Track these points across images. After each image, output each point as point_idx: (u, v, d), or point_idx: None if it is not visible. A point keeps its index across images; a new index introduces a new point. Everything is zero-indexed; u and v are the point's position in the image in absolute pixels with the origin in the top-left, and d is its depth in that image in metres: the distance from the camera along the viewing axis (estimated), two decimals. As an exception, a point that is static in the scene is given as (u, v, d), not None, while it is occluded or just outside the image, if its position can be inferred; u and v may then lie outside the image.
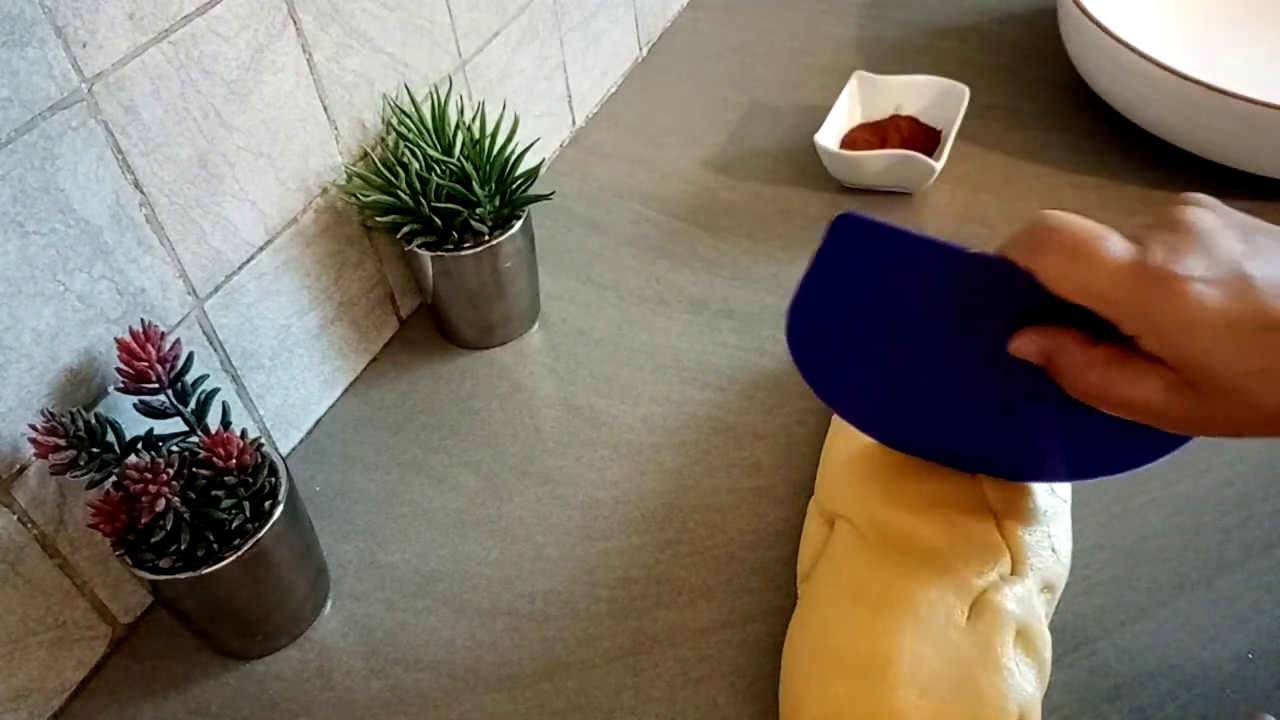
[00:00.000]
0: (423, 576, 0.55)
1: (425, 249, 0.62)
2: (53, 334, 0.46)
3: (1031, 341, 0.38)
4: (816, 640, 0.45)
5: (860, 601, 0.44)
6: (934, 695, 0.41)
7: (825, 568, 0.47)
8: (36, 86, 0.42)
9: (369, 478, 0.61)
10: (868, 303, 0.43)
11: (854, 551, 0.46)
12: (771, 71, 0.92)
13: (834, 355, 0.46)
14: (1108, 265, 0.34)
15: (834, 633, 0.44)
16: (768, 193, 0.78)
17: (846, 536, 0.47)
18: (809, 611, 0.46)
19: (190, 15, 0.48)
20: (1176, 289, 0.33)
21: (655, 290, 0.71)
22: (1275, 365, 0.33)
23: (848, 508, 0.48)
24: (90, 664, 0.52)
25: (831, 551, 0.48)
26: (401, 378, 0.67)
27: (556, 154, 0.85)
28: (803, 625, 0.46)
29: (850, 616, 0.44)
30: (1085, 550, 0.51)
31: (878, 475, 0.49)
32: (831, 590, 0.46)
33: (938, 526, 0.46)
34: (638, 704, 0.48)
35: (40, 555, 0.47)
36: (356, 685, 0.50)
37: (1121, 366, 0.36)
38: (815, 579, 0.48)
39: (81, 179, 0.45)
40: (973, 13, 0.97)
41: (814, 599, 0.47)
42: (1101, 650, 0.48)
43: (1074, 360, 0.37)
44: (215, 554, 0.46)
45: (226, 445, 0.46)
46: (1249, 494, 0.54)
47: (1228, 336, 0.33)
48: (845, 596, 0.45)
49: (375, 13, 0.61)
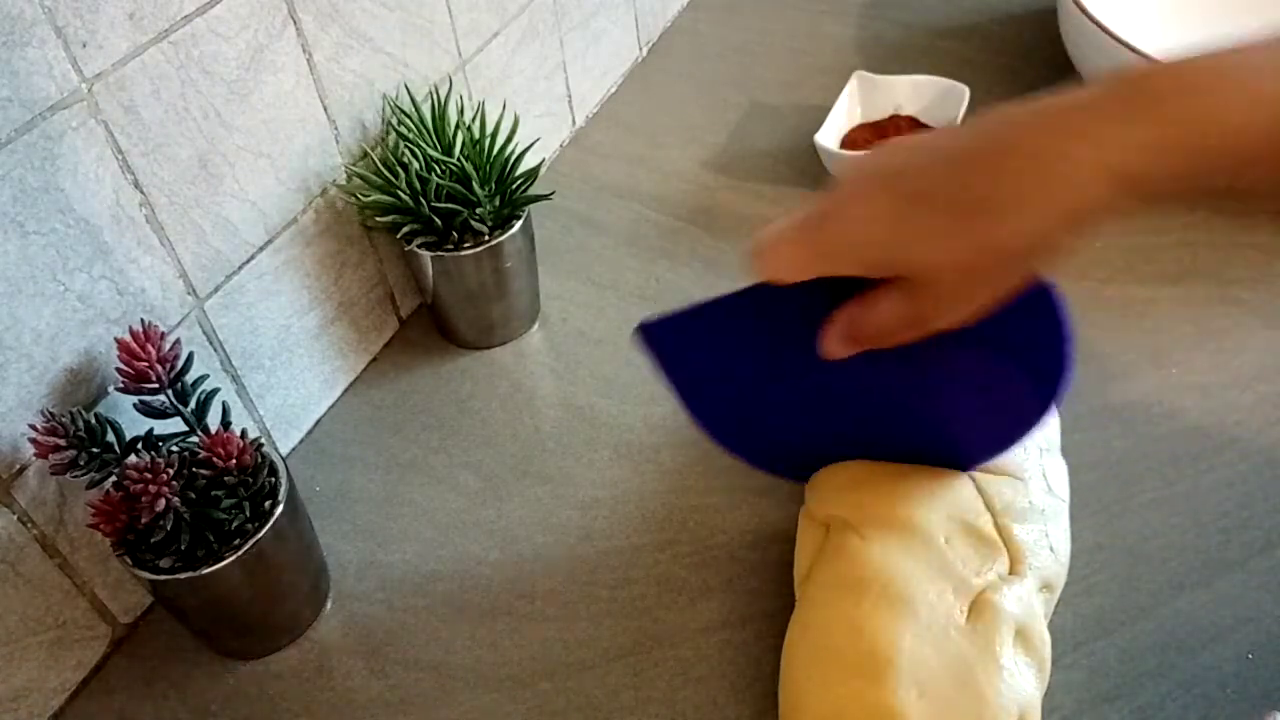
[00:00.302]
0: (423, 576, 0.55)
1: (425, 249, 0.62)
2: (53, 334, 0.46)
3: (832, 337, 0.42)
4: (816, 640, 0.45)
5: (859, 602, 0.44)
6: (933, 695, 0.41)
7: (824, 569, 0.47)
8: (36, 86, 0.42)
9: (369, 478, 0.61)
10: (706, 365, 0.48)
11: (852, 553, 0.46)
12: (771, 71, 0.92)
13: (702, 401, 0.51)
14: (793, 239, 0.39)
15: (833, 633, 0.44)
16: (768, 193, 0.78)
17: (844, 538, 0.47)
18: (808, 612, 0.46)
19: (190, 15, 0.48)
20: (836, 218, 0.38)
21: (655, 290, 0.71)
22: (932, 225, 0.36)
23: (845, 510, 0.48)
24: (90, 664, 0.52)
25: (829, 553, 0.48)
26: (401, 378, 0.67)
27: (556, 154, 0.85)
28: (802, 625, 0.46)
29: (849, 617, 0.44)
30: (1085, 550, 0.51)
31: (873, 478, 0.49)
32: (830, 591, 0.46)
33: (936, 527, 0.46)
34: (638, 704, 0.48)
35: (40, 555, 0.47)
36: (356, 685, 0.50)
37: (871, 302, 0.40)
38: (814, 580, 0.48)
39: (81, 179, 0.45)
40: (973, 13, 0.97)
41: (813, 599, 0.47)
42: (1101, 650, 0.48)
43: (860, 321, 0.40)
44: (215, 554, 0.46)
45: (226, 445, 0.46)
46: (1249, 494, 0.54)
47: (886, 222, 0.37)
48: (844, 597, 0.45)
49: (375, 13, 0.61)
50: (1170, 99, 0.32)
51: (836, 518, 0.48)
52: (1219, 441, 0.56)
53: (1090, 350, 0.62)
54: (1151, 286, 0.66)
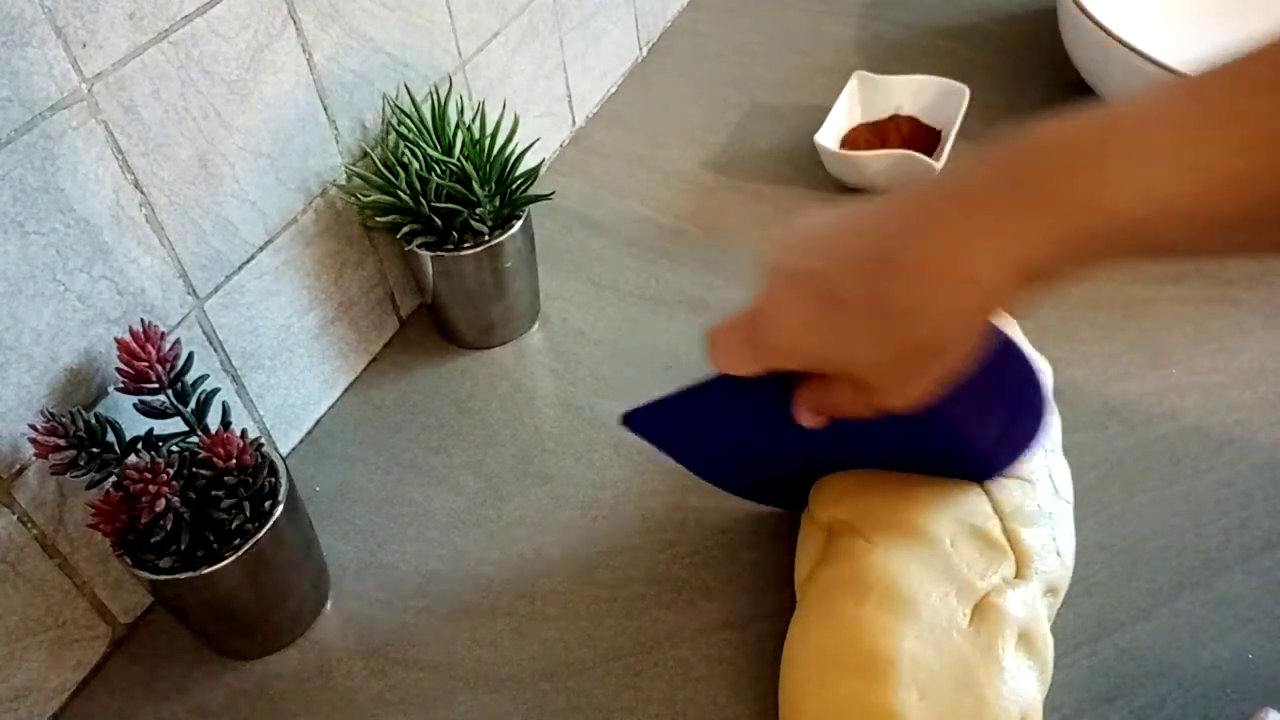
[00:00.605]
0: (423, 576, 0.55)
1: (425, 249, 0.62)
2: (53, 334, 0.46)
3: (801, 412, 0.43)
4: (817, 641, 0.45)
5: (862, 603, 0.44)
6: (934, 697, 0.41)
7: (827, 570, 0.47)
8: (36, 86, 0.42)
9: (369, 478, 0.61)
10: (695, 438, 0.51)
11: (857, 555, 0.46)
12: (771, 71, 0.92)
13: (702, 461, 0.54)
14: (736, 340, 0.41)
15: (835, 634, 0.44)
16: (768, 193, 0.78)
17: (849, 541, 0.47)
18: (810, 612, 0.46)
19: (190, 15, 0.48)
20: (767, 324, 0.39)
21: (655, 290, 0.71)
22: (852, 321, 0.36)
23: (849, 514, 0.48)
24: (90, 664, 0.52)
25: (833, 555, 0.48)
26: (401, 378, 0.67)
27: (556, 154, 0.85)
28: (803, 626, 0.46)
29: (851, 618, 0.44)
30: (1086, 550, 0.51)
31: (878, 482, 0.49)
32: (833, 592, 0.46)
33: (942, 530, 0.46)
34: (638, 704, 0.48)
35: (40, 555, 0.47)
36: (356, 685, 0.50)
37: (826, 384, 0.41)
38: (817, 580, 0.47)
39: (81, 179, 0.45)
40: (973, 13, 0.97)
41: (815, 600, 0.47)
42: (1101, 650, 0.48)
43: (821, 400, 0.42)
44: (215, 554, 0.46)
45: (226, 445, 0.46)
46: (1249, 494, 0.54)
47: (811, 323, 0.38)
48: (847, 598, 0.45)
49: (375, 13, 0.61)
50: (1060, 182, 0.32)
51: (840, 521, 0.48)
52: (1219, 441, 0.56)
53: (1090, 350, 0.62)
54: (1151, 286, 0.66)
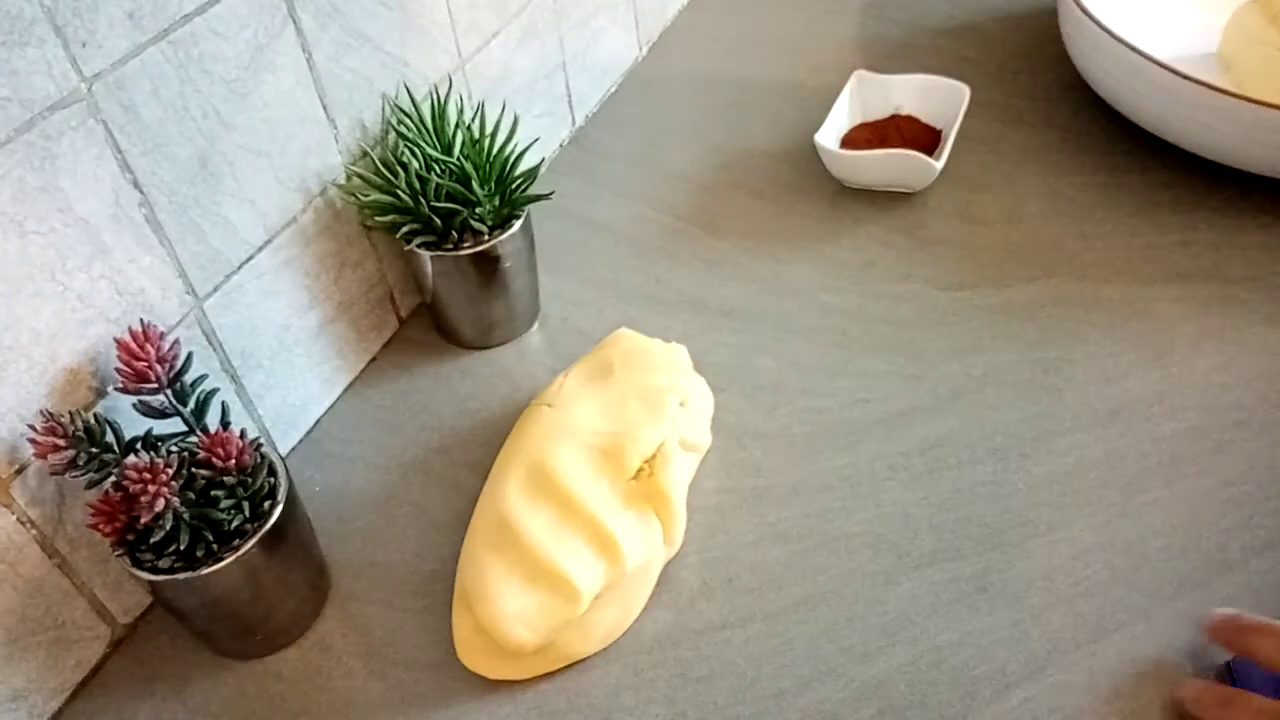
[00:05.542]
0: (423, 576, 0.55)
1: (425, 249, 0.62)
2: (52, 334, 0.46)
3: None
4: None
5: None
6: None
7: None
8: (36, 86, 0.42)
9: (369, 478, 0.61)
10: None
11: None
12: (771, 71, 0.92)
13: None
14: None
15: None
16: (768, 192, 0.78)
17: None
18: None
19: (190, 15, 0.48)
20: None
21: (655, 290, 0.71)
22: None
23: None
24: (89, 664, 0.52)
25: None
26: (401, 378, 0.67)
27: (556, 154, 0.85)
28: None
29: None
30: (1085, 550, 0.51)
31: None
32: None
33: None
34: (638, 704, 0.48)
35: (39, 555, 0.47)
36: (356, 685, 0.50)
37: None
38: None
39: (81, 178, 0.45)
40: (973, 13, 0.97)
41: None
42: (1101, 650, 0.48)
43: None
44: (215, 554, 0.46)
45: (226, 445, 0.46)
46: (1249, 494, 0.54)
47: None
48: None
49: (375, 12, 0.61)
50: None
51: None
52: (1219, 441, 0.56)
53: (1090, 350, 0.62)
54: (1151, 286, 0.66)
